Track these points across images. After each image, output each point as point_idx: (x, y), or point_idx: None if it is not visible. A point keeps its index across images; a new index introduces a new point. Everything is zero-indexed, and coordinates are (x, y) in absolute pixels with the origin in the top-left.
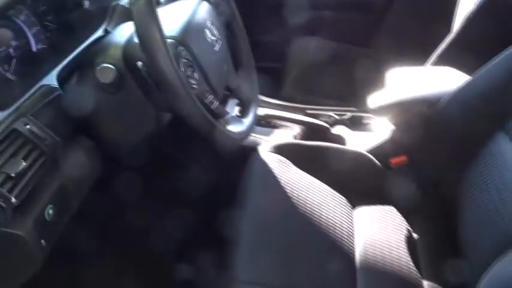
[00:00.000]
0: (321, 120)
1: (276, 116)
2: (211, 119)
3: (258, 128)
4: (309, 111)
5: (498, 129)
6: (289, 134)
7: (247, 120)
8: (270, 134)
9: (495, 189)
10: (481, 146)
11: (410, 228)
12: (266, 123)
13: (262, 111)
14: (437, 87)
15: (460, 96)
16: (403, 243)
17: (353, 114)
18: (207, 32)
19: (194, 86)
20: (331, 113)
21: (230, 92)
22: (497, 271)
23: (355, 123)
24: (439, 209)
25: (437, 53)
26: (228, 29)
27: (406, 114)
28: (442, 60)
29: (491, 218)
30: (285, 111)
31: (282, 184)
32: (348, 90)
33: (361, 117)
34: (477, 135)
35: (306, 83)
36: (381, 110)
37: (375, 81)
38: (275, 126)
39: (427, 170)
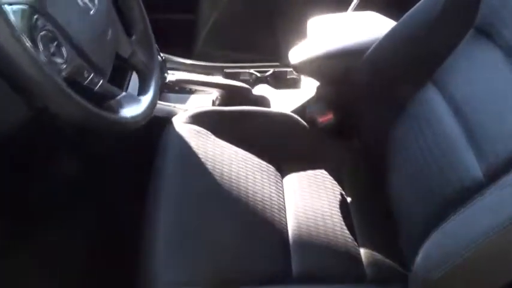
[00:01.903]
0: (241, 79)
1: (190, 80)
2: (90, 106)
3: (171, 95)
4: (227, 70)
5: (427, 80)
6: (207, 99)
7: (147, 98)
8: (186, 101)
9: (425, 144)
10: (410, 98)
11: (343, 192)
12: (180, 89)
13: (173, 75)
14: (361, 37)
15: (386, 44)
16: (337, 209)
17: (275, 69)
18: None
19: (62, 65)
20: (251, 70)
21: (123, 62)
22: (434, 242)
23: (278, 80)
24: (369, 168)
25: None
26: None
27: (330, 69)
28: (365, 4)
29: (423, 178)
30: (200, 71)
31: (202, 159)
32: (268, 42)
33: (284, 73)
34: (405, 87)
35: (221, 37)
36: (302, 66)
37: (296, 30)
38: (190, 92)
39: (354, 126)
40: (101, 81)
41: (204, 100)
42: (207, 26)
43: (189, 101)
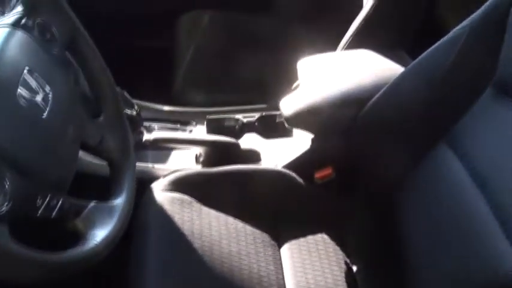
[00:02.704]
0: (226, 125)
1: (170, 139)
2: (47, 258)
3: (149, 152)
4: (210, 117)
5: (440, 139)
6: (189, 155)
7: (120, 204)
8: (166, 159)
9: (441, 214)
10: (421, 156)
11: (347, 260)
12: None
13: (150, 134)
14: (361, 82)
15: (393, 94)
16: (342, 282)
17: (263, 113)
18: (23, 91)
19: (2, 207)
20: (237, 116)
21: (91, 151)
22: None
23: (268, 125)
24: (375, 232)
25: (350, 33)
26: (73, 55)
27: (328, 120)
28: (357, 42)
29: (441, 255)
30: (180, 118)
31: (187, 236)
32: (255, 81)
33: (273, 117)
34: (415, 143)
35: (201, 76)
36: (296, 118)
37: (284, 69)
38: (171, 148)
39: (357, 183)
40: (60, 201)
41: (187, 157)
42: (185, 63)
43: (170, 159)
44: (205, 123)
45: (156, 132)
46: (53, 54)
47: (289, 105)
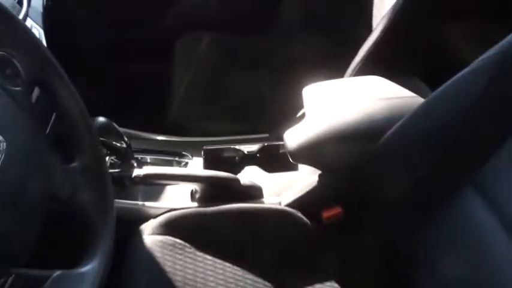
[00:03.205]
0: (224, 156)
1: (163, 175)
2: None
3: (139, 188)
4: (207, 147)
5: (466, 181)
6: (183, 192)
7: (92, 272)
8: (157, 196)
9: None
10: (442, 200)
11: None
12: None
13: (141, 169)
14: (374, 112)
15: (412, 129)
16: None
17: (265, 144)
18: None
19: None
20: (237, 146)
21: (60, 206)
22: None
23: (270, 157)
24: (390, 278)
25: (359, 57)
26: (42, 92)
27: (337, 156)
28: (366, 67)
29: None
30: (175, 149)
31: (177, 285)
32: (256, 109)
33: (275, 148)
34: (437, 184)
35: (198, 103)
36: (302, 153)
37: (288, 95)
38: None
39: (370, 225)
40: (10, 280)
41: (181, 193)
42: (181, 88)
43: (162, 196)
44: (202, 154)
45: (147, 168)
46: (13, 93)
47: (293, 138)
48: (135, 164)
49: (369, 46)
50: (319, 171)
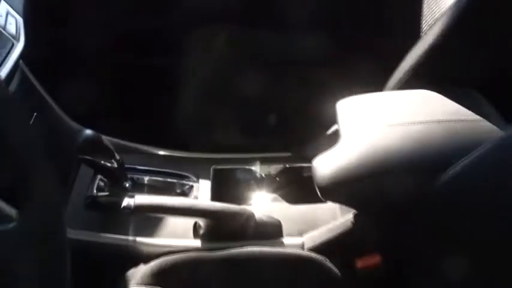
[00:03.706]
0: (237, 178)
1: (159, 207)
2: None
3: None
4: (217, 167)
5: None
6: (184, 225)
7: None
8: (152, 230)
9: None
10: None
11: None
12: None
13: (133, 198)
14: (430, 137)
15: (483, 168)
16: None
17: (286, 165)
18: None
19: None
20: (253, 166)
21: None
22: None
23: (292, 183)
24: None
25: (405, 67)
26: None
27: (379, 194)
28: (415, 79)
29: None
30: (178, 167)
31: None
32: (276, 122)
33: (298, 170)
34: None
35: (207, 112)
36: (333, 190)
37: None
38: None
39: (414, 279)
40: None
41: (182, 226)
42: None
43: (159, 229)
44: (210, 174)
45: (139, 197)
46: None
47: (324, 168)
48: (128, 185)
49: (418, 53)
50: (355, 211)
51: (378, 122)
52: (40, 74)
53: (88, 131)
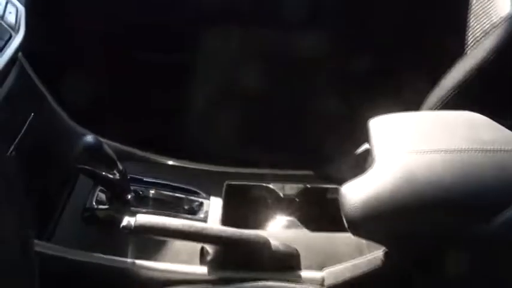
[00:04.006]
0: (252, 197)
1: (162, 229)
2: None
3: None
4: (230, 182)
5: None
6: (190, 249)
7: None
8: (155, 253)
9: None
10: None
11: None
12: None
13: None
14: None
15: None
16: None
17: (307, 185)
18: None
19: None
20: (270, 185)
21: None
22: None
23: (313, 204)
24: None
25: (449, 83)
26: None
27: (420, 234)
28: (459, 99)
29: None
30: (187, 180)
31: None
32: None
33: (321, 191)
34: None
35: (221, 121)
36: (367, 225)
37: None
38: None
39: None
40: None
41: (185, 251)
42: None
43: (162, 250)
44: (223, 190)
45: (141, 216)
46: None
47: (354, 197)
48: (131, 198)
49: (465, 70)
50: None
51: (418, 146)
52: (41, 68)
53: (88, 138)
